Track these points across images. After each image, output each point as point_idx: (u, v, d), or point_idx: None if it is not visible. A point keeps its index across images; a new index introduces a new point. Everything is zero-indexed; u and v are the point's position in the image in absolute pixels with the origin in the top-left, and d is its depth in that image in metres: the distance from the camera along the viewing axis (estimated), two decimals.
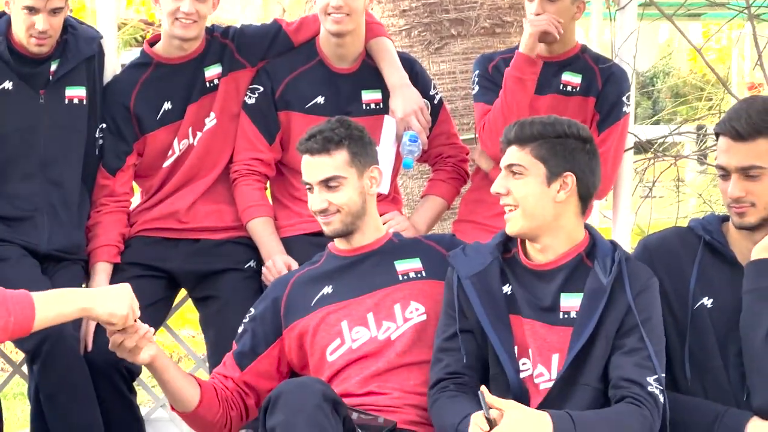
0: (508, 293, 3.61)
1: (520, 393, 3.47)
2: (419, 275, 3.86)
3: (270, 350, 3.87)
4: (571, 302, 3.54)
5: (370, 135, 3.97)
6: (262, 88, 4.61)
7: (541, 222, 3.57)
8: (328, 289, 3.86)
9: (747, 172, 3.52)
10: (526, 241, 3.64)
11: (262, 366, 3.87)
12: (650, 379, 3.38)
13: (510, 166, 3.59)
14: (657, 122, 12.53)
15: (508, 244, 3.71)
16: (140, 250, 4.56)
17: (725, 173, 3.58)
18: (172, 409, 3.79)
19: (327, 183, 3.80)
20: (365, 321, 3.78)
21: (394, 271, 3.86)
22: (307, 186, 3.86)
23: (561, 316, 3.53)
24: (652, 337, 3.45)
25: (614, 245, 3.61)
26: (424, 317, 3.78)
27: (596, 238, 3.63)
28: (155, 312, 4.47)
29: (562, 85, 4.61)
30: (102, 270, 4.47)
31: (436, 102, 4.69)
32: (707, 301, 3.62)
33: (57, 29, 4.37)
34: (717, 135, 3.61)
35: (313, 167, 3.83)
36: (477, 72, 4.69)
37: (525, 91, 4.46)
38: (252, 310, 3.93)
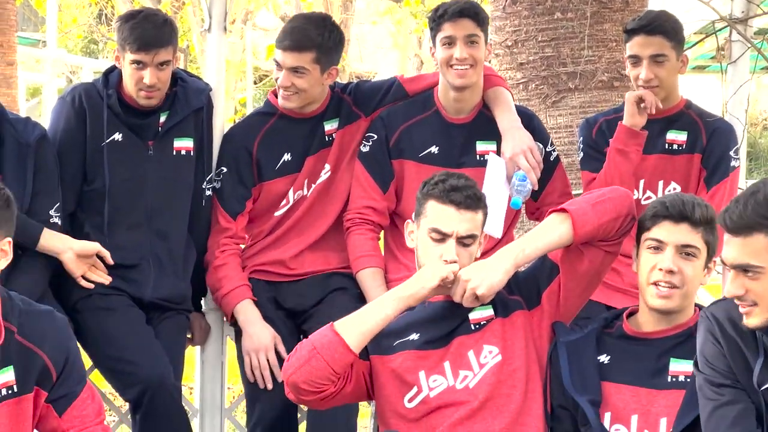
0: (605, 362, 3.61)
1: None
2: (490, 320, 3.79)
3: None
4: (681, 367, 3.52)
5: None
6: (376, 136, 4.62)
7: None
8: (414, 336, 3.80)
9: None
10: (648, 311, 3.62)
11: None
12: None
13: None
14: None
15: (612, 320, 3.72)
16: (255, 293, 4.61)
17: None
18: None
19: (464, 240, 3.74)
20: (442, 370, 3.74)
21: (467, 321, 3.79)
22: (441, 235, 3.73)
23: (669, 380, 3.52)
24: None
25: None
26: (499, 358, 3.73)
27: None
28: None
29: (667, 144, 4.55)
30: (250, 304, 4.52)
31: (552, 159, 4.62)
32: None
33: (165, 82, 4.44)
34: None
35: (458, 220, 3.72)
36: (581, 138, 4.67)
37: (629, 163, 4.41)
38: None
